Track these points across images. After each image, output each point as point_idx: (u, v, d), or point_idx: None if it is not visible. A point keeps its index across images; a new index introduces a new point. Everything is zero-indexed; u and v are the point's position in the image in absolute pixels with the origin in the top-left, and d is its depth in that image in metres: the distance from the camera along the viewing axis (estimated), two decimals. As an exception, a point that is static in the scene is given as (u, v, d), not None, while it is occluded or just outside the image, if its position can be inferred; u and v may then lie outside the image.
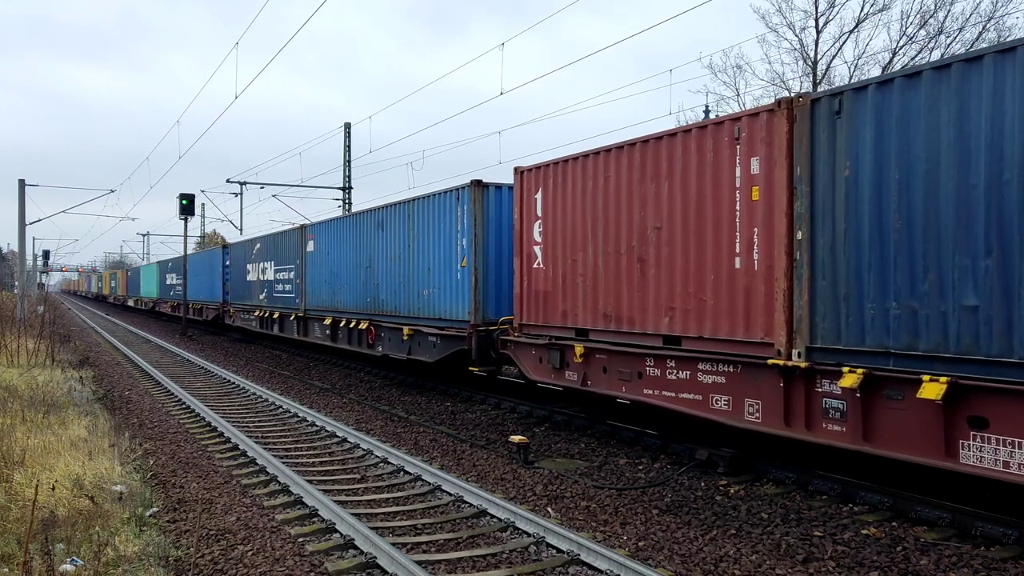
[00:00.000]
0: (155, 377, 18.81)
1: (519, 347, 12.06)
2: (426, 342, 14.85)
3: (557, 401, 13.68)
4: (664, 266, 9.21)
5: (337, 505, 7.66)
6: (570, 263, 10.82)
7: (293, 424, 12.84)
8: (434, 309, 14.51)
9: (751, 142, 8.15)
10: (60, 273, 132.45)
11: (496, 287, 13.42)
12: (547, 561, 6.43)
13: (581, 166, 10.61)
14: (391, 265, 16.30)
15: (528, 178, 11.83)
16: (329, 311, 19.74)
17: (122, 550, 6.34)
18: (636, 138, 9.70)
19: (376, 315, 17.01)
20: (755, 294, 8.07)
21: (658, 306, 9.28)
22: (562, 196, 11.01)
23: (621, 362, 9.86)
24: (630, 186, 9.71)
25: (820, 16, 26.62)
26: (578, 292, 10.65)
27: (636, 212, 9.62)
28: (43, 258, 77.95)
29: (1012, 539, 6.63)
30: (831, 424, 7.39)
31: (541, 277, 11.50)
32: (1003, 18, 24.01)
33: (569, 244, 10.86)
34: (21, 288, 38.35)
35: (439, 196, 14.45)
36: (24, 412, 11.60)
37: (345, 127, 37.40)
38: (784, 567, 6.28)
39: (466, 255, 13.43)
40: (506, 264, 13.29)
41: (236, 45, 19.30)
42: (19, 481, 7.92)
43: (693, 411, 8.82)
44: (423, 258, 14.95)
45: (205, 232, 75.25)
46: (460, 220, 13.66)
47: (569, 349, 10.76)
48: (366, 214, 17.70)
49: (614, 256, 9.99)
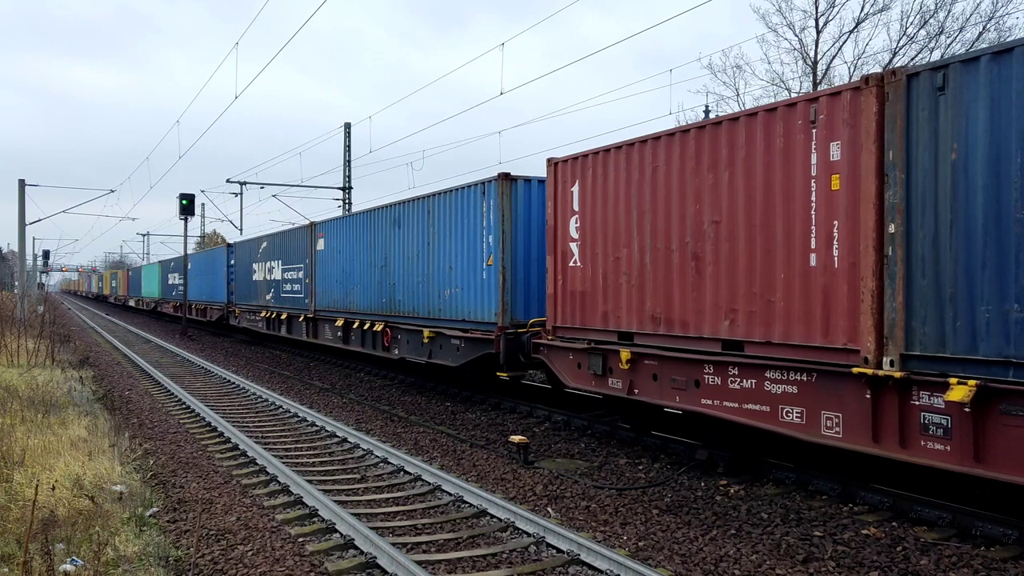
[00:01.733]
0: (155, 377, 18.81)
1: (554, 352, 11.22)
2: (448, 345, 14.11)
3: (595, 409, 12.83)
4: (724, 264, 8.41)
5: (337, 505, 7.66)
6: (612, 261, 10.00)
7: (293, 424, 12.84)
8: (457, 310, 13.85)
9: (830, 125, 7.31)
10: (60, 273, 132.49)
11: (525, 287, 12.78)
12: (547, 561, 6.43)
13: (625, 156, 9.75)
14: (409, 264, 15.65)
15: (563, 170, 10.96)
16: (341, 312, 19.10)
17: (122, 550, 6.34)
18: (690, 124, 8.96)
19: (392, 316, 16.35)
20: (835, 295, 7.26)
21: (716, 308, 8.50)
22: (602, 188, 10.17)
23: (675, 369, 9.02)
24: (683, 177, 8.91)
25: (820, 16, 26.64)
26: (621, 292, 9.85)
27: (690, 205, 8.81)
28: (43, 258, 78.03)
29: (1012, 539, 6.63)
30: (931, 442, 6.51)
31: (578, 276, 10.68)
32: (1003, 18, 24.00)
33: (611, 240, 10.03)
34: (21, 288, 38.36)
35: (462, 191, 13.74)
36: (24, 412, 11.60)
37: (345, 127, 37.42)
38: (784, 567, 6.28)
39: (492, 253, 12.77)
40: (536, 262, 12.72)
41: (236, 45, 19.31)
42: (19, 481, 7.92)
43: (759, 423, 7.98)
44: (444, 256, 14.29)
45: (205, 232, 75.29)
46: (486, 216, 12.97)
47: (613, 354, 9.92)
48: (381, 211, 17.02)
49: (664, 253, 9.19)
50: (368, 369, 20.04)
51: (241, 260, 28.93)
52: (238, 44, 19.25)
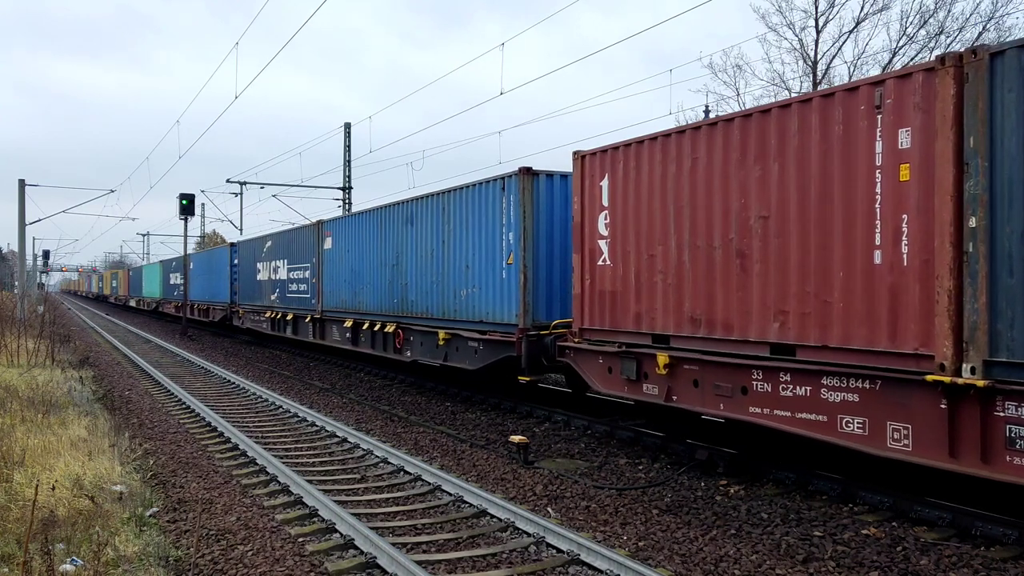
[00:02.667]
0: (155, 377, 18.81)
1: (582, 355, 10.60)
2: (466, 348, 13.52)
3: (627, 416, 12.15)
4: (773, 262, 7.85)
5: (337, 505, 7.66)
6: (646, 259, 9.46)
7: (293, 424, 12.84)
8: (474, 311, 13.30)
9: (899, 110, 6.72)
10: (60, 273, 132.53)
11: (547, 287, 12.22)
12: (547, 561, 6.43)
13: (660, 148, 9.21)
14: (422, 263, 15.07)
15: (591, 163, 10.33)
16: (350, 313, 18.57)
17: (122, 550, 6.34)
18: (734, 113, 8.44)
19: (405, 317, 15.78)
20: (905, 295, 6.67)
21: (764, 309, 7.93)
22: (635, 182, 9.60)
23: (718, 375, 8.42)
24: (726, 169, 8.35)
25: (820, 16, 26.63)
26: (656, 292, 9.29)
27: (735, 199, 8.27)
28: (43, 258, 78.06)
29: (1012, 539, 6.63)
30: (1019, 457, 5.96)
31: (608, 275, 10.10)
32: (1003, 18, 23.99)
33: (644, 237, 9.48)
34: (21, 288, 38.37)
35: (480, 187, 13.17)
36: (24, 412, 11.60)
37: (345, 127, 37.42)
38: (784, 567, 6.28)
39: (513, 251, 12.19)
40: (559, 261, 12.22)
41: (236, 45, 19.31)
42: (19, 481, 7.92)
43: (815, 434, 7.38)
44: (461, 255, 13.73)
45: (205, 232, 75.31)
46: (506, 212, 12.41)
47: (648, 358, 9.34)
48: (393, 208, 16.47)
49: (705, 251, 8.64)
50: (368, 369, 20.04)
51: (245, 260, 28.51)
52: (238, 44, 19.27)
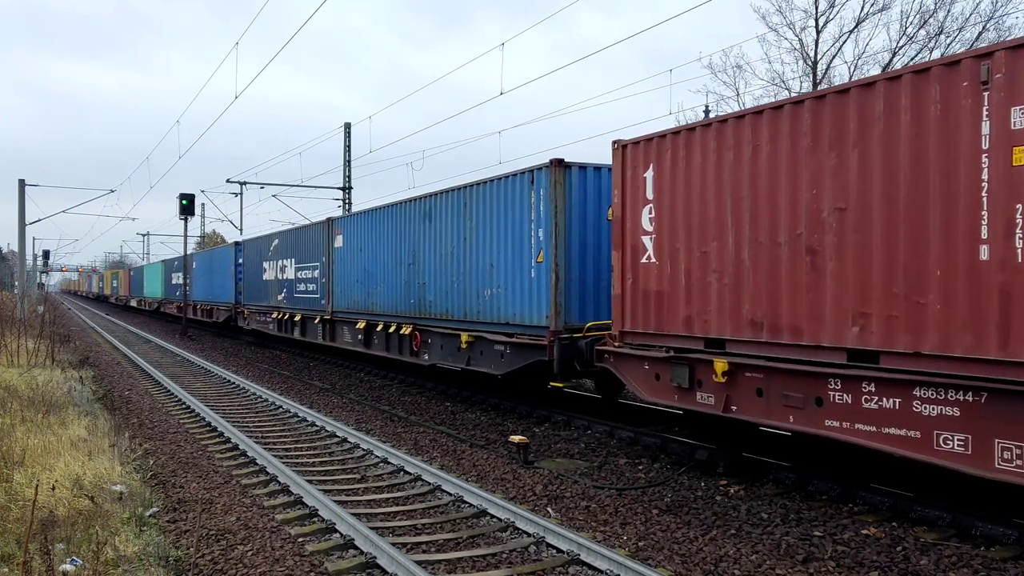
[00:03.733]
0: (155, 377, 18.81)
1: (624, 360, 9.85)
2: (491, 351, 12.82)
3: (671, 424, 11.36)
4: (850, 259, 7.14)
5: (337, 505, 7.66)
6: (697, 256, 8.77)
7: (293, 424, 12.84)
8: (499, 312, 12.62)
9: (1012, 85, 5.98)
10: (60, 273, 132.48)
11: (580, 287, 11.55)
12: (547, 561, 6.43)
13: (715, 135, 8.51)
14: (442, 261, 14.38)
15: (634, 153, 9.62)
16: (362, 314, 17.89)
17: (122, 550, 6.34)
18: (804, 94, 7.74)
19: (422, 319, 15.08)
20: (1019, 296, 5.97)
21: (840, 311, 7.23)
22: (684, 173, 8.92)
23: (788, 383, 7.70)
24: (795, 157, 7.66)
25: (820, 16, 26.62)
26: (710, 292, 8.61)
27: (805, 190, 7.57)
28: (43, 258, 78.06)
29: (1012, 539, 6.63)
30: None
31: (653, 274, 9.40)
32: (1003, 18, 23.99)
33: (696, 233, 8.79)
34: (21, 288, 38.38)
35: (507, 180, 12.50)
36: (24, 412, 11.60)
37: (345, 127, 37.42)
38: (784, 567, 6.28)
39: (543, 248, 11.51)
40: (592, 259, 11.61)
41: (236, 45, 19.31)
42: (19, 481, 7.92)
43: (907, 452, 6.68)
44: (484, 253, 13.06)
45: (205, 232, 75.31)
46: (535, 207, 11.73)
47: (703, 365, 8.65)
48: (409, 204, 15.77)
49: (768, 247, 7.96)
50: (368, 369, 20.03)
51: (250, 259, 27.78)
52: (238, 44, 19.27)
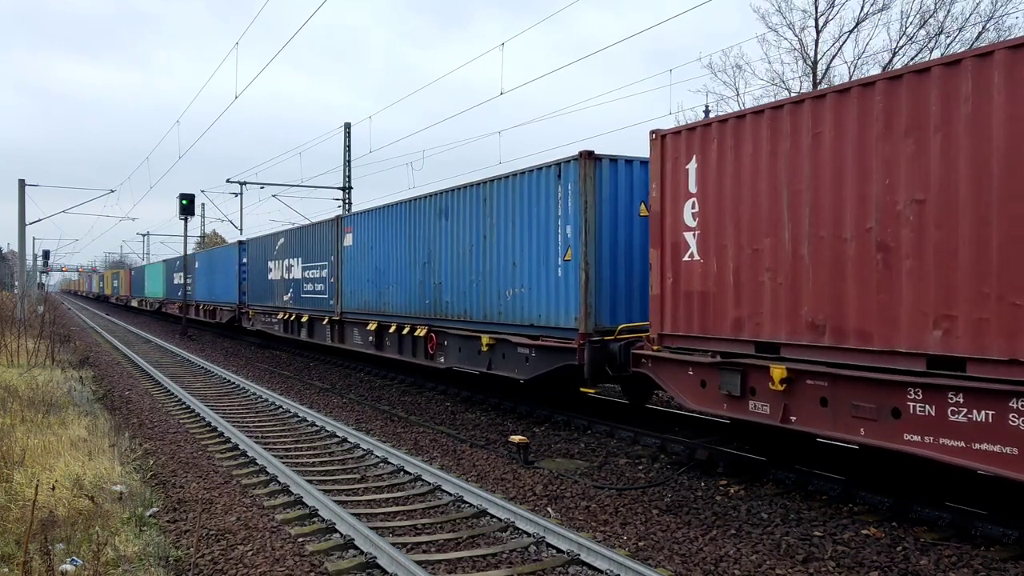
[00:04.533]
0: (155, 377, 18.81)
1: (664, 365, 9.32)
2: (515, 355, 12.25)
3: (710, 433, 10.65)
4: (931, 256, 6.60)
5: (337, 505, 7.66)
6: (748, 254, 8.21)
7: (293, 424, 12.84)
8: (522, 314, 12.07)
9: None
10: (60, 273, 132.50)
11: (611, 287, 10.97)
12: (547, 561, 6.43)
13: (769, 122, 7.96)
14: (459, 260, 13.82)
15: (674, 144, 9.10)
16: (374, 314, 17.33)
17: (122, 550, 6.34)
18: (874, 76, 7.16)
19: (438, 320, 14.52)
20: None
21: (919, 314, 6.67)
22: (734, 164, 8.37)
23: (857, 392, 7.10)
24: (863, 144, 7.09)
25: (820, 16, 26.61)
26: (763, 293, 8.04)
27: (876, 181, 6.97)
28: (43, 258, 78.08)
29: (1012, 539, 6.63)
30: None
31: (696, 273, 8.86)
32: (1003, 18, 23.97)
33: (746, 228, 8.23)
34: (21, 288, 38.38)
35: (532, 174, 11.92)
36: (24, 412, 11.60)
37: (345, 127, 37.41)
38: (784, 567, 6.28)
39: (571, 246, 10.97)
40: (623, 257, 11.05)
41: (236, 45, 19.31)
42: (19, 481, 7.92)
43: (1002, 471, 6.11)
44: (506, 251, 12.50)
45: (205, 232, 75.29)
46: (562, 202, 11.18)
47: (757, 371, 8.05)
48: (423, 200, 15.17)
49: (831, 243, 7.38)
50: (368, 369, 20.03)
51: (254, 258, 27.08)
52: (238, 44, 19.27)
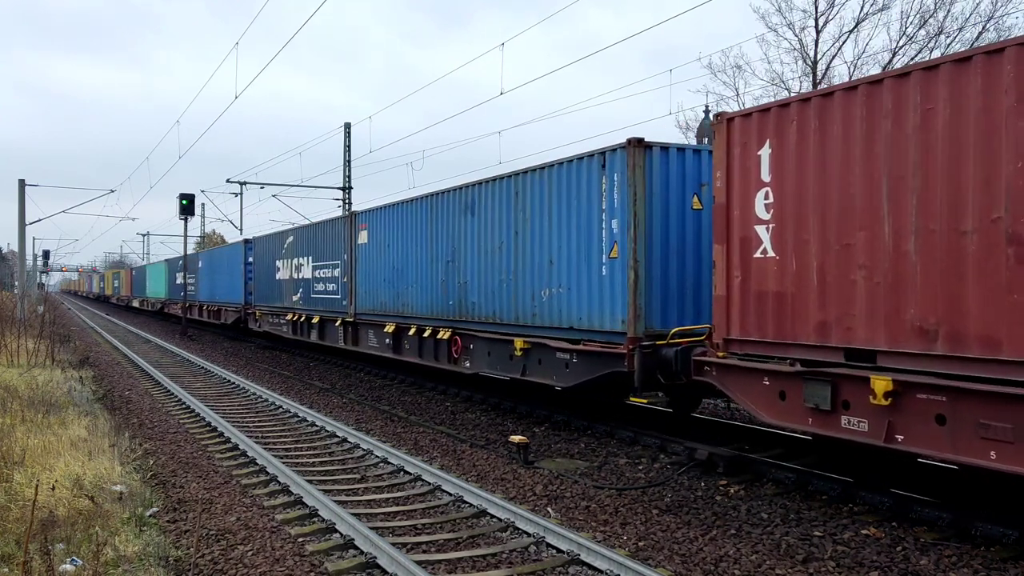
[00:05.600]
0: (155, 377, 18.82)
1: (732, 374, 8.52)
2: (553, 361, 11.39)
3: (770, 446, 9.93)
4: None
5: (337, 505, 7.66)
6: (836, 250, 7.39)
7: (293, 424, 12.84)
8: (560, 316, 11.27)
9: None
10: (60, 273, 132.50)
11: (662, 286, 10.13)
12: (547, 561, 6.43)
13: (864, 100, 7.09)
14: (487, 258, 13.03)
15: (743, 128, 8.33)
16: (391, 316, 16.50)
17: (122, 550, 6.34)
18: (1003, 42, 6.33)
19: (463, 322, 13.74)
20: None
21: None
22: (818, 149, 7.56)
23: (986, 410, 6.24)
24: (988, 121, 6.26)
25: (820, 16, 26.68)
26: (855, 293, 7.21)
27: (1005, 163, 6.16)
28: (43, 258, 78.11)
29: (1012, 539, 6.63)
30: None
31: (770, 271, 8.07)
32: (1003, 18, 24.00)
33: (834, 221, 7.41)
34: (21, 288, 38.39)
35: (571, 164, 11.04)
36: (24, 412, 11.60)
37: (345, 127, 37.42)
38: (784, 567, 6.28)
39: (618, 242, 10.15)
40: (675, 254, 10.23)
41: (236, 45, 19.31)
42: (19, 481, 7.92)
43: None
44: (541, 248, 11.68)
45: (205, 232, 75.29)
46: (607, 195, 10.34)
47: (852, 383, 7.17)
48: (447, 195, 14.39)
49: (944, 236, 6.56)
50: (368, 369, 20.03)
51: (261, 257, 26.17)
52: (238, 44, 19.27)
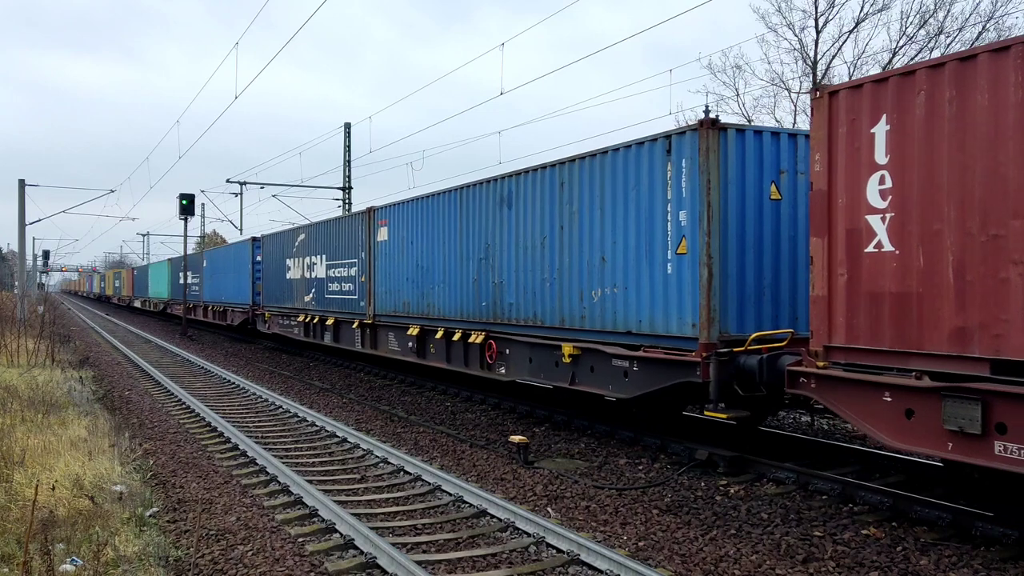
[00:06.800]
0: (155, 377, 18.82)
1: (842, 387, 7.30)
2: (608, 369, 10.25)
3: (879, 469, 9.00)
4: None
5: (337, 505, 7.66)
6: (981, 242, 6.34)
7: (293, 424, 12.84)
8: (615, 319, 10.21)
9: None
10: (60, 273, 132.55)
11: (738, 285, 9.16)
12: (547, 561, 6.43)
13: (1017, 61, 6.04)
14: (527, 255, 12.06)
15: (851, 102, 7.20)
16: (415, 318, 15.52)
17: (122, 550, 6.35)
18: None
19: (498, 324, 12.77)
20: None
21: None
22: (953, 124, 6.51)
23: None
24: None
25: (820, 16, 26.61)
26: (1007, 293, 6.19)
27: None
28: (43, 258, 78.14)
29: (1012, 539, 6.63)
30: None
31: (887, 268, 6.98)
32: (1003, 18, 23.97)
33: (977, 207, 6.37)
34: (21, 288, 38.38)
35: (627, 151, 10.05)
36: (24, 412, 11.60)
37: (345, 127, 37.41)
38: (784, 567, 6.28)
39: (686, 236, 9.19)
40: (752, 250, 9.22)
41: (236, 45, 19.31)
42: (19, 481, 7.92)
43: None
44: (591, 243, 10.66)
45: (205, 232, 75.30)
46: (673, 183, 9.36)
47: (1010, 402, 6.07)
48: (480, 187, 13.38)
49: None
50: (368, 369, 20.03)
51: (271, 256, 25.22)
52: (238, 44, 19.27)
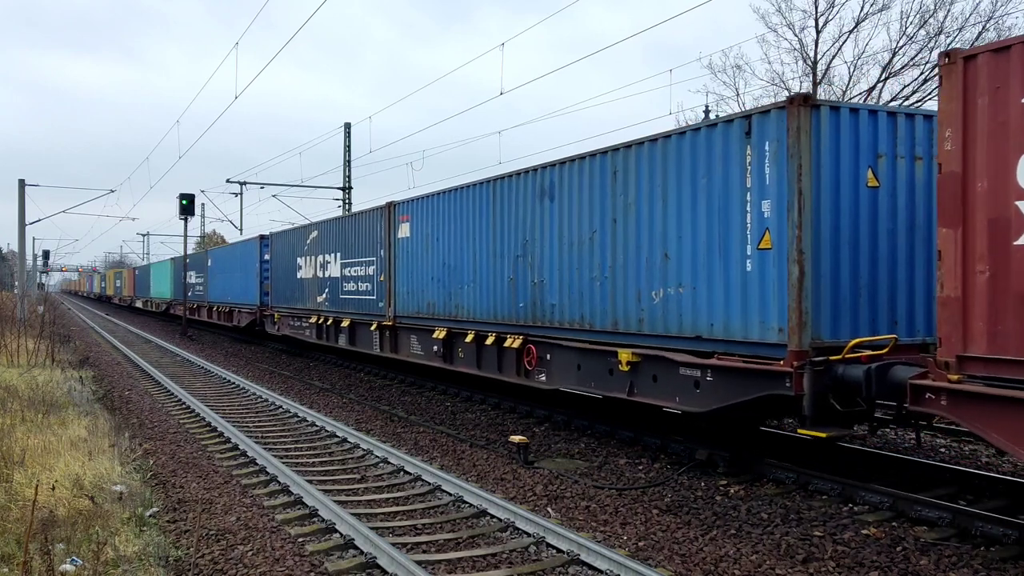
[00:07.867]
0: (155, 377, 18.82)
1: (984, 405, 6.11)
2: (674, 378, 9.12)
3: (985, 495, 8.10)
4: None
5: (337, 505, 7.66)
6: None
7: (293, 424, 12.84)
8: (680, 322, 9.13)
9: None
10: (60, 273, 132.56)
11: (832, 285, 8.08)
12: (547, 561, 6.43)
13: None
14: (573, 252, 10.93)
15: (994, 68, 6.03)
16: (442, 320, 14.42)
17: (122, 550, 6.35)
18: None
19: (538, 328, 11.66)
20: None
21: None
22: None
23: None
24: None
25: (820, 16, 26.60)
26: None
27: None
28: (43, 258, 78.16)
29: (1012, 539, 6.63)
30: None
31: None
32: (1003, 18, 23.97)
33: None
34: (21, 288, 38.38)
35: (696, 134, 9.00)
36: (24, 412, 11.60)
37: (345, 127, 37.42)
38: (784, 567, 6.28)
39: (771, 229, 8.15)
40: (848, 246, 8.13)
41: (236, 45, 19.32)
42: (19, 481, 7.92)
43: None
44: (651, 238, 9.58)
45: (205, 232, 75.31)
46: (755, 169, 8.31)
47: None
48: (515, 179, 12.24)
49: None
50: (368, 369, 20.03)
51: (280, 254, 24.27)
52: (238, 44, 19.28)
